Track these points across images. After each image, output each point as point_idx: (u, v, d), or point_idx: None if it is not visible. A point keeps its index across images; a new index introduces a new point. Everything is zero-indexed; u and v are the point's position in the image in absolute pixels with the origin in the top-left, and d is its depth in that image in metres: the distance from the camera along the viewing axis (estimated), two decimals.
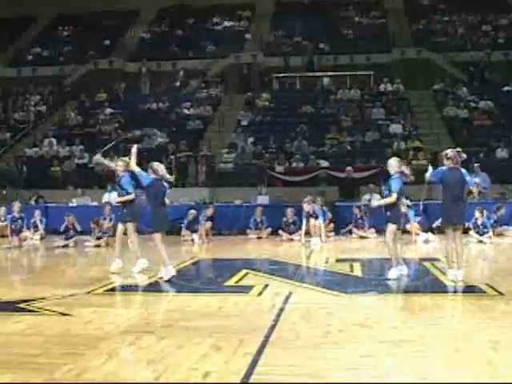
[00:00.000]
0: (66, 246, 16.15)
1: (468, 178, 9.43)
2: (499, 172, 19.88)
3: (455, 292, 8.73)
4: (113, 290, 9.19)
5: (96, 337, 6.12)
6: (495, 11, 33.58)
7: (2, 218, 17.90)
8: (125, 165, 10.92)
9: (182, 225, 17.25)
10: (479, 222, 15.65)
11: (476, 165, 18.80)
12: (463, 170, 9.41)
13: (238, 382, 4.74)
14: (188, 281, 10.40)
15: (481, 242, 15.32)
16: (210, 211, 17.52)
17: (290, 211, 17.39)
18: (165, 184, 10.30)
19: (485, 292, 8.44)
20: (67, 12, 37.03)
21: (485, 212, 15.87)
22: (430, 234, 15.86)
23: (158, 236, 9.99)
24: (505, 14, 33.51)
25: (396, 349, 5.57)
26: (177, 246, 15.07)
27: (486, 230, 15.67)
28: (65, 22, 37.29)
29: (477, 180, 10.42)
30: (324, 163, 22.31)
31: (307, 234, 16.10)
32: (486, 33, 32.32)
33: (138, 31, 36.45)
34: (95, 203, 19.90)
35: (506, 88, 27.09)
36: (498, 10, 33.58)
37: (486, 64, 29.13)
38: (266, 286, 9.06)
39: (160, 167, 10.19)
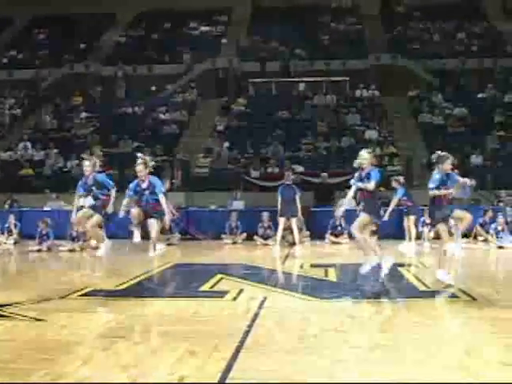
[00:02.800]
0: (39, 250, 16.06)
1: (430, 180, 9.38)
2: (474, 179, 19.93)
3: (429, 297, 8.78)
4: (87, 295, 9.10)
5: (70, 342, 6.08)
6: (469, 19, 34.04)
7: None
8: (92, 164, 10.76)
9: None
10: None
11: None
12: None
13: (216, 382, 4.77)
14: (163, 286, 10.40)
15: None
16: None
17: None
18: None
19: (458, 297, 8.51)
20: (43, 15, 36.78)
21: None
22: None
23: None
24: (479, 22, 33.98)
25: (370, 354, 5.61)
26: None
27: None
28: (41, 25, 37.04)
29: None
30: (299, 168, 22.38)
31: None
32: (461, 40, 32.74)
33: (114, 35, 36.34)
34: (70, 207, 19.64)
35: (480, 95, 27.40)
36: (472, 18, 34.07)
37: (461, 71, 29.46)
38: (241, 290, 9.05)
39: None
